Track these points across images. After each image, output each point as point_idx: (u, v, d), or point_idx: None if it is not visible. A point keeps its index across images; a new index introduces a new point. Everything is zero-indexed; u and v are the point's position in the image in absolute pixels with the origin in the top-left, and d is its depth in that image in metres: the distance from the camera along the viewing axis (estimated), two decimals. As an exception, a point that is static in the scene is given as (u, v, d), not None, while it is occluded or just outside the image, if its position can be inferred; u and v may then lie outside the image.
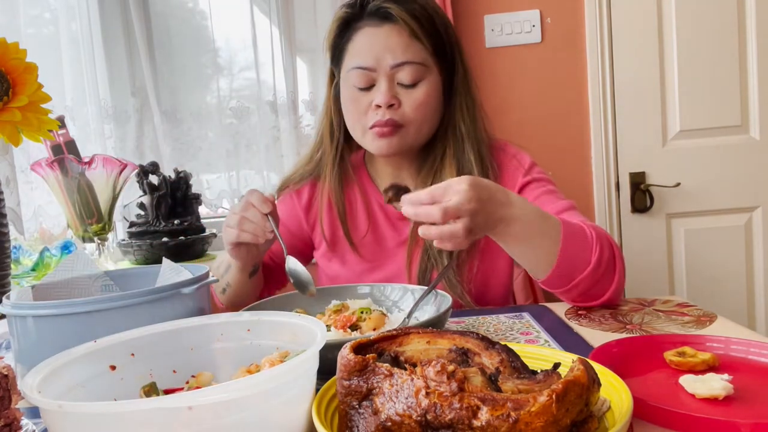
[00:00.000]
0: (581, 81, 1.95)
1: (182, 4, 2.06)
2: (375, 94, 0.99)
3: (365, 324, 0.75)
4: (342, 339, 0.66)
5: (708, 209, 1.96)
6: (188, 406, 0.40)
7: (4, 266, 0.98)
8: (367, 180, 1.14)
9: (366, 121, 1.01)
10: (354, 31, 1.01)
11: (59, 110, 1.82)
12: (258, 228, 0.88)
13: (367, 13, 0.99)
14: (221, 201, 2.04)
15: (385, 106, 0.98)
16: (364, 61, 0.99)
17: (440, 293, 0.83)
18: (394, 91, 0.99)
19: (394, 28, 0.98)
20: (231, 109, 2.00)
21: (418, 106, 0.99)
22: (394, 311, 0.86)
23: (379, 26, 0.98)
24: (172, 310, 0.70)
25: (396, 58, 0.97)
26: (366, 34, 0.99)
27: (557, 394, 0.39)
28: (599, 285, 0.88)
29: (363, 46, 0.99)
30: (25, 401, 0.46)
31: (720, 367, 0.61)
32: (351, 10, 1.01)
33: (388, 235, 1.11)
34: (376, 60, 0.98)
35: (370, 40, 0.99)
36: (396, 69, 0.98)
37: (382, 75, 0.98)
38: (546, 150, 1.93)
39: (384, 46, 0.98)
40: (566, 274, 0.86)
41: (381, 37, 0.98)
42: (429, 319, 0.69)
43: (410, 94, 0.99)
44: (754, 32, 1.89)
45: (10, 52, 0.82)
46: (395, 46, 0.97)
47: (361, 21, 1.00)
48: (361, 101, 1.00)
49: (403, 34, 0.97)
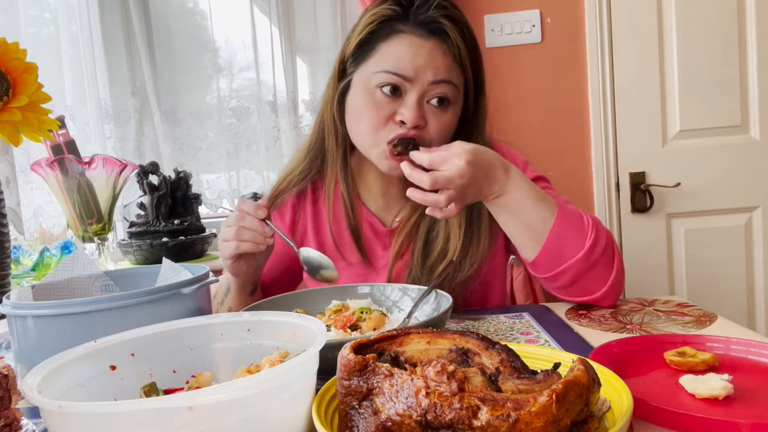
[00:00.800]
0: (581, 81, 1.95)
1: (182, 4, 2.06)
2: (401, 107, 0.91)
3: (365, 324, 0.75)
4: (342, 339, 0.66)
5: (708, 209, 1.96)
6: (188, 406, 0.40)
7: (4, 266, 0.98)
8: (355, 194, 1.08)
9: (384, 133, 0.92)
10: (394, 33, 0.91)
11: (59, 110, 1.82)
12: (257, 235, 0.87)
13: (415, 19, 0.91)
14: (221, 201, 2.04)
15: (411, 125, 0.90)
16: (401, 67, 0.90)
17: (440, 293, 0.83)
18: (422, 111, 0.91)
19: (441, 46, 0.91)
20: (231, 109, 2.00)
21: (442, 130, 0.93)
22: (394, 311, 0.86)
23: (426, 39, 0.90)
24: (172, 310, 0.70)
25: (437, 76, 0.90)
26: (409, 42, 0.90)
27: (557, 394, 0.39)
28: (592, 276, 0.87)
29: (404, 53, 0.90)
30: (25, 401, 0.46)
31: (720, 367, 0.61)
32: (397, 9, 0.92)
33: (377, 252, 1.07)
34: (415, 71, 0.90)
35: (414, 50, 0.90)
36: (432, 86, 0.91)
37: (417, 89, 0.90)
38: (546, 150, 1.93)
39: (427, 60, 0.90)
40: (555, 257, 0.85)
41: (426, 49, 0.90)
42: (429, 319, 0.69)
43: (438, 116, 0.92)
44: (754, 32, 1.89)
45: (10, 52, 0.82)
46: (439, 65, 0.90)
47: (405, 25, 0.91)
48: (383, 109, 0.92)
49: (448, 55, 0.91)
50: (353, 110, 0.96)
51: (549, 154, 1.93)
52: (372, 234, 1.07)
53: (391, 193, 1.07)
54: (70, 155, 1.42)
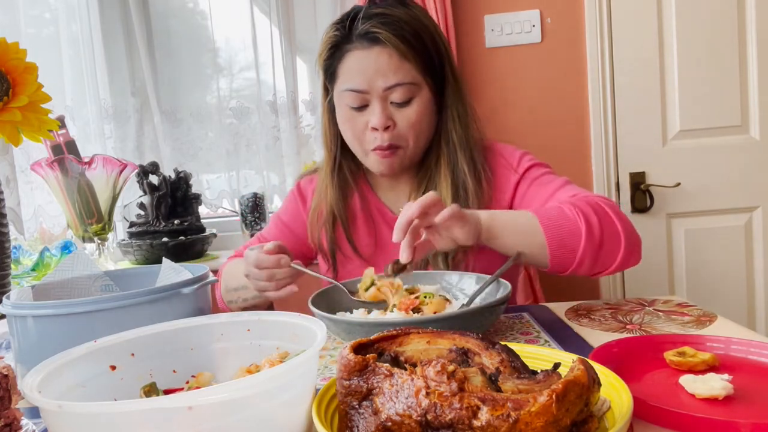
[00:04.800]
0: (581, 81, 1.95)
1: (182, 4, 2.06)
2: (369, 115, 1.01)
3: (427, 308, 0.80)
4: (404, 319, 0.75)
5: (708, 209, 1.96)
6: (188, 406, 0.40)
7: (4, 266, 0.98)
8: (366, 188, 1.16)
9: (365, 143, 1.03)
10: (344, 53, 1.01)
11: (59, 110, 1.82)
12: (294, 278, 0.92)
13: (355, 35, 0.99)
14: (221, 201, 2.04)
15: (381, 129, 1.00)
16: (356, 84, 0.99)
17: (502, 282, 0.86)
18: (388, 112, 1.00)
19: (384, 51, 0.98)
20: (231, 109, 2.00)
21: (412, 125, 1.01)
22: (460, 297, 0.91)
23: (369, 49, 0.98)
24: (172, 310, 0.70)
25: (387, 81, 0.98)
26: (356, 57, 1.00)
27: (557, 394, 0.39)
28: (606, 250, 0.88)
29: (354, 70, 1.00)
30: (25, 401, 0.46)
31: (720, 367, 0.61)
32: (339, 33, 1.02)
33: (388, 238, 1.12)
34: (368, 83, 0.99)
35: (361, 63, 0.99)
36: (388, 91, 0.99)
37: (375, 97, 0.99)
38: (546, 150, 1.92)
39: (375, 69, 0.98)
40: (567, 254, 0.87)
41: (371, 60, 0.98)
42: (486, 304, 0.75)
43: (403, 113, 1.01)
44: (754, 32, 1.89)
45: (10, 52, 0.82)
46: (386, 69, 0.98)
47: (350, 43, 1.00)
48: (356, 121, 1.02)
49: (393, 56, 0.98)
50: (339, 124, 1.07)
51: (549, 154, 1.91)
52: (383, 222, 1.14)
53: (400, 184, 1.14)
54: (70, 155, 1.42)
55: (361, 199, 1.14)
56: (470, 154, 1.06)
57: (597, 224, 0.86)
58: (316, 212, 1.13)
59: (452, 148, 1.06)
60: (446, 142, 1.06)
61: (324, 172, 1.13)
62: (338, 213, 1.11)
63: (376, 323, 0.72)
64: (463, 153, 1.06)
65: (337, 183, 1.12)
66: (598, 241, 0.86)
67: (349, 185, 1.14)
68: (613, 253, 0.88)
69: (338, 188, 1.11)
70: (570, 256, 0.86)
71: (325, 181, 1.13)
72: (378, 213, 1.14)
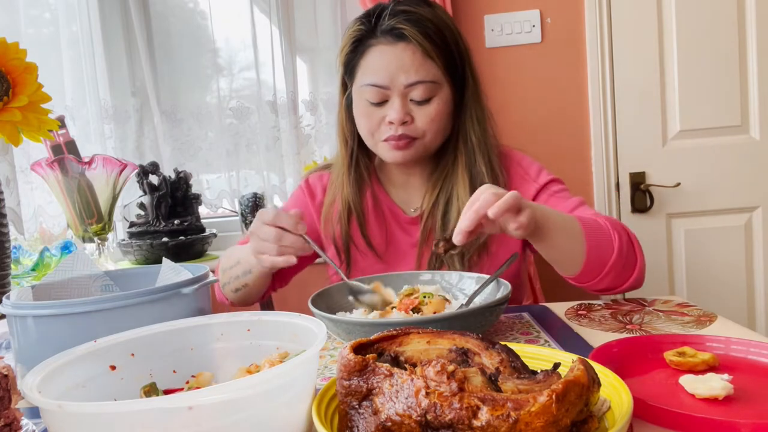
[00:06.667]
0: (581, 81, 1.95)
1: (182, 4, 2.06)
2: (388, 110, 1.01)
3: (426, 307, 0.80)
4: (404, 320, 0.75)
5: (708, 209, 1.96)
6: (188, 406, 0.40)
7: (4, 266, 0.98)
8: (377, 186, 1.16)
9: (379, 134, 1.04)
10: (367, 48, 1.02)
11: (59, 110, 1.82)
12: (298, 250, 0.89)
13: (380, 31, 1.00)
14: (221, 201, 2.03)
15: (398, 123, 1.00)
16: (377, 79, 1.00)
17: (502, 282, 0.86)
18: (407, 108, 1.01)
19: (408, 47, 0.99)
20: (231, 109, 2.00)
21: (430, 121, 1.02)
22: (460, 297, 0.91)
23: (393, 45, 0.99)
24: (172, 310, 0.70)
25: (409, 78, 0.99)
26: (379, 52, 1.00)
27: (557, 394, 0.39)
28: (626, 268, 0.91)
29: (376, 64, 1.00)
30: (25, 401, 0.46)
31: (720, 367, 0.61)
32: (364, 28, 1.02)
33: (400, 237, 1.13)
34: (389, 78, 0.99)
35: (384, 58, 1.00)
36: (409, 88, 1.00)
37: (396, 93, 1.00)
38: (546, 150, 1.93)
39: (397, 65, 0.99)
40: (597, 266, 0.88)
41: (394, 55, 0.99)
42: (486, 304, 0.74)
43: (423, 110, 1.01)
44: (754, 32, 1.89)
45: (10, 52, 0.82)
46: (409, 66, 0.99)
47: (374, 38, 1.01)
48: (373, 116, 1.03)
49: (417, 53, 0.99)
50: (356, 118, 1.08)
51: (549, 154, 1.92)
52: (394, 220, 1.14)
53: (412, 184, 1.14)
54: (70, 155, 1.42)
55: (373, 198, 1.14)
56: (488, 157, 1.07)
57: (626, 243, 0.90)
58: (332, 207, 1.13)
59: (471, 149, 1.06)
60: (464, 143, 1.07)
61: (340, 167, 1.13)
62: (354, 207, 1.11)
63: (376, 323, 0.72)
64: (481, 155, 1.06)
65: (354, 178, 1.12)
66: (624, 258, 0.89)
67: (365, 181, 1.14)
68: (628, 272, 0.92)
69: (355, 183, 1.12)
70: (599, 268, 0.88)
71: (341, 177, 1.13)
72: (389, 212, 1.14)
